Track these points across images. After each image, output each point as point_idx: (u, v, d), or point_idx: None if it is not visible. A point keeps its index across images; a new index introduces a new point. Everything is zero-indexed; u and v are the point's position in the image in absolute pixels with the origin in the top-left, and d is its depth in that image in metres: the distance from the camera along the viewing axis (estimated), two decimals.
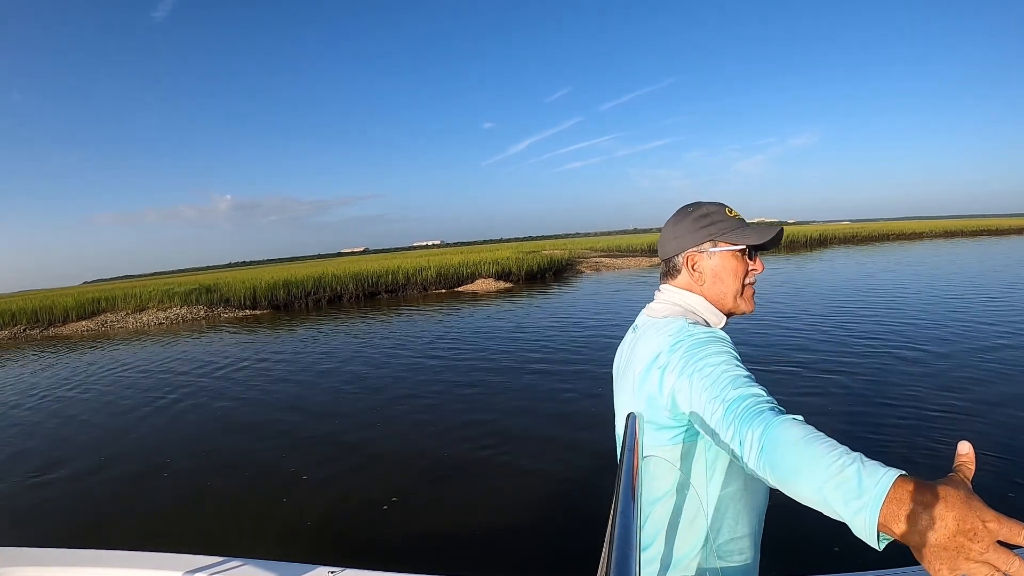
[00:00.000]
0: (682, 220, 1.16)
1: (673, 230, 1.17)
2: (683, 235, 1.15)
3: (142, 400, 8.01)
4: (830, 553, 2.90)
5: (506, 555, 3.32)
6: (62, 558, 1.74)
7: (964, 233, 47.91)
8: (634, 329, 1.19)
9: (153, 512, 4.29)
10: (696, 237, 1.14)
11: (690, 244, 1.14)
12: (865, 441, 4.32)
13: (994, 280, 13.98)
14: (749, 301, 1.15)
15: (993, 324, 8.39)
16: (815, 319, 9.81)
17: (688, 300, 1.13)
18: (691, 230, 1.15)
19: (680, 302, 1.14)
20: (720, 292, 1.13)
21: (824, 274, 18.90)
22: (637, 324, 1.19)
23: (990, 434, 4.33)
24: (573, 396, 6.27)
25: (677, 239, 1.16)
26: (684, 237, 1.15)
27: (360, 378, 8.11)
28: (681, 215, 1.18)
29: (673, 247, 1.16)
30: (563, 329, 10.81)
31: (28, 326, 19.90)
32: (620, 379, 1.17)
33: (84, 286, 72.51)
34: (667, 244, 1.18)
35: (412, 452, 5.01)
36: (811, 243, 41.06)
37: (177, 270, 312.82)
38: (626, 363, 1.14)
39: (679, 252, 1.15)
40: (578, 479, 4.19)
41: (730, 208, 1.17)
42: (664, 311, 1.13)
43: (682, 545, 1.02)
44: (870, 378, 6.00)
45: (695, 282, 1.14)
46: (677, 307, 1.13)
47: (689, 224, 1.15)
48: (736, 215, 1.16)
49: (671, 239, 1.17)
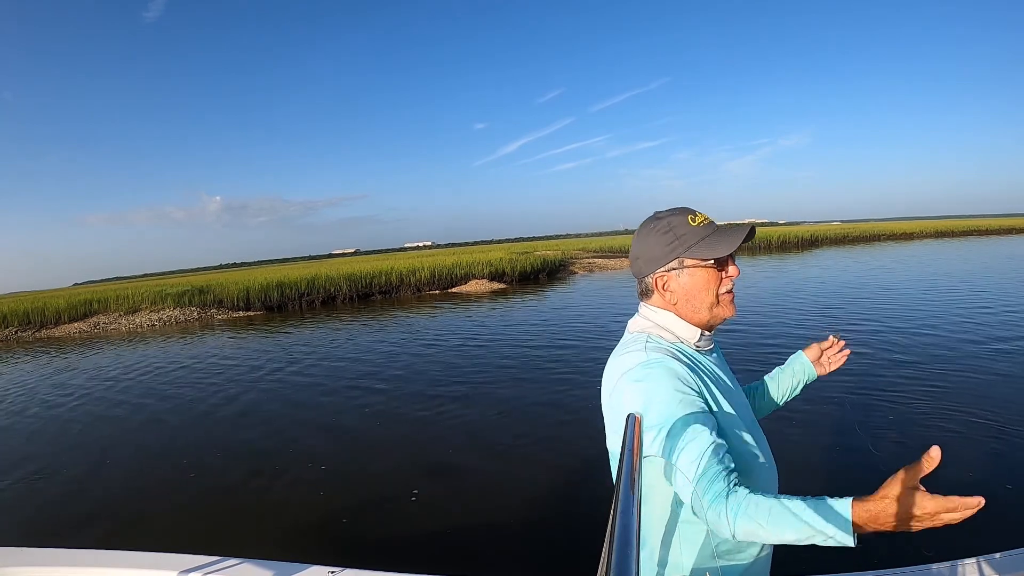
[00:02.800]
0: (647, 238, 1.14)
1: (639, 248, 1.16)
2: (649, 255, 1.14)
3: (178, 401, 7.97)
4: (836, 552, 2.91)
5: (506, 555, 3.33)
6: (61, 558, 1.75)
7: (954, 233, 48.15)
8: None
9: (165, 512, 4.28)
10: (663, 257, 1.12)
11: (658, 266, 1.13)
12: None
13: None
14: (728, 307, 1.14)
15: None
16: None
17: (659, 318, 1.15)
18: (656, 249, 1.13)
19: (651, 318, 1.16)
20: (693, 308, 1.13)
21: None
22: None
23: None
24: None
25: (644, 260, 1.15)
26: (650, 258, 1.14)
27: (392, 379, 8.09)
28: (645, 232, 1.15)
29: (642, 268, 1.16)
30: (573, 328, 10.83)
31: (20, 328, 19.67)
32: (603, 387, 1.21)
33: (75, 287, 71.84)
34: (636, 264, 1.18)
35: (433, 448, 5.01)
36: (802, 244, 41.17)
37: (167, 271, 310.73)
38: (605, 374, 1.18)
39: (649, 274, 1.15)
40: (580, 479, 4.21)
41: (694, 214, 1.13)
42: (637, 326, 1.18)
43: (682, 545, 1.03)
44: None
45: (668, 301, 1.15)
46: (648, 322, 1.16)
47: (653, 242, 1.13)
48: (702, 221, 1.12)
49: (638, 259, 1.17)
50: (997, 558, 1.46)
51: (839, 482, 3.78)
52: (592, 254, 34.75)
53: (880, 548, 2.68)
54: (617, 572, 0.45)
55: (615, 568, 0.45)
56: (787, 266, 23.03)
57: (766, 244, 39.15)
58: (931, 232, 49.47)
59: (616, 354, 1.15)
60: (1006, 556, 1.47)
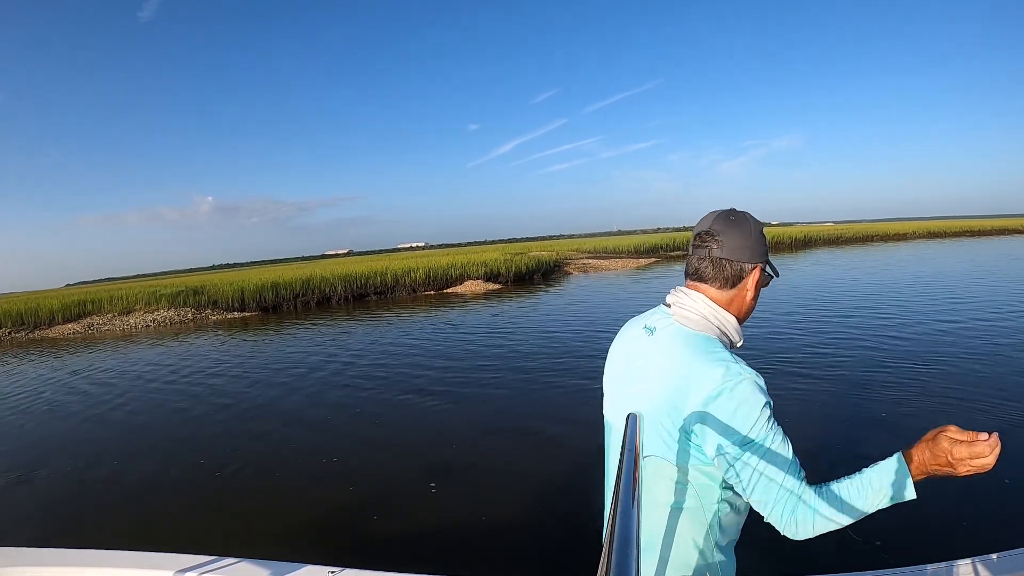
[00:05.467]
0: (753, 228, 1.09)
1: (745, 236, 1.08)
2: (756, 245, 1.08)
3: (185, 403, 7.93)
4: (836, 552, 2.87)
5: (504, 555, 3.32)
6: (60, 558, 1.75)
7: (947, 234, 48.41)
8: (649, 330, 1.11)
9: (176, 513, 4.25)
10: (763, 252, 1.10)
11: (759, 257, 1.09)
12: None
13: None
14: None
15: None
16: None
17: (723, 318, 1.07)
18: (760, 243, 1.09)
19: (714, 317, 1.06)
20: (749, 311, 1.12)
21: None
22: (654, 326, 1.11)
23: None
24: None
25: (750, 248, 1.07)
26: (756, 248, 1.08)
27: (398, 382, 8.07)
28: (749, 223, 1.09)
29: (747, 254, 1.07)
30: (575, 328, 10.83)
31: (13, 329, 19.56)
32: (625, 376, 1.13)
33: (67, 288, 71.43)
34: (741, 249, 1.07)
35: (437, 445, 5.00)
36: (796, 244, 41.34)
37: (160, 272, 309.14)
38: (635, 365, 1.11)
39: (752, 261, 1.08)
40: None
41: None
42: (697, 323, 1.06)
43: (682, 545, 1.02)
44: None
45: (745, 296, 1.09)
46: (709, 323, 1.06)
47: (758, 236, 1.09)
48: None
49: (746, 245, 1.07)
50: (994, 559, 1.46)
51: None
52: (586, 255, 34.82)
53: (873, 547, 2.69)
54: (617, 572, 0.44)
55: (615, 568, 0.45)
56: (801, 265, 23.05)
57: None
58: (924, 233, 49.81)
59: (673, 346, 1.04)
60: (1003, 557, 1.47)
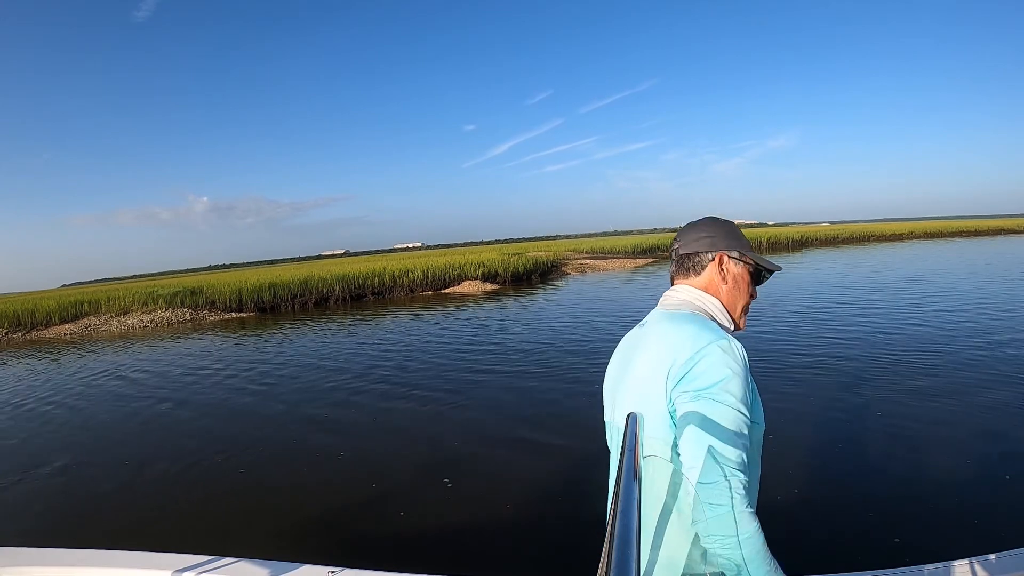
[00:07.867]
0: (717, 225, 1.20)
1: (706, 230, 1.19)
2: (718, 236, 1.18)
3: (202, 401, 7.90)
4: (850, 551, 2.74)
5: (506, 555, 3.32)
6: (59, 558, 1.76)
7: (944, 234, 48.55)
8: (642, 325, 1.18)
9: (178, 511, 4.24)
10: (730, 243, 1.17)
11: (723, 246, 1.17)
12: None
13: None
14: (743, 318, 1.18)
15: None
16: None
17: (705, 300, 1.14)
18: (725, 235, 1.18)
19: (696, 300, 1.14)
20: (735, 298, 1.16)
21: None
22: (646, 321, 1.18)
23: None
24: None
25: (711, 238, 1.18)
26: (719, 239, 1.18)
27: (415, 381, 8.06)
28: (716, 222, 1.21)
29: (705, 244, 1.17)
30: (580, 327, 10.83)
31: (9, 330, 19.50)
32: (621, 375, 1.15)
33: (63, 289, 71.17)
34: (697, 241, 1.18)
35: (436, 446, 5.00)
36: (792, 245, 41.38)
37: (156, 272, 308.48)
38: (629, 359, 1.13)
39: (711, 250, 1.17)
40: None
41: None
42: (681, 306, 1.14)
43: (682, 545, 1.02)
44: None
45: (720, 281, 1.16)
46: (693, 304, 1.13)
47: (725, 230, 1.19)
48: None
49: (703, 237, 1.18)
50: (992, 559, 1.46)
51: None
52: (583, 255, 34.80)
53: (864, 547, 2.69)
54: (617, 571, 0.44)
55: (615, 567, 0.45)
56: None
57: (756, 245, 38.76)
58: (920, 233, 49.92)
59: (659, 328, 1.08)
60: (1002, 557, 1.47)
